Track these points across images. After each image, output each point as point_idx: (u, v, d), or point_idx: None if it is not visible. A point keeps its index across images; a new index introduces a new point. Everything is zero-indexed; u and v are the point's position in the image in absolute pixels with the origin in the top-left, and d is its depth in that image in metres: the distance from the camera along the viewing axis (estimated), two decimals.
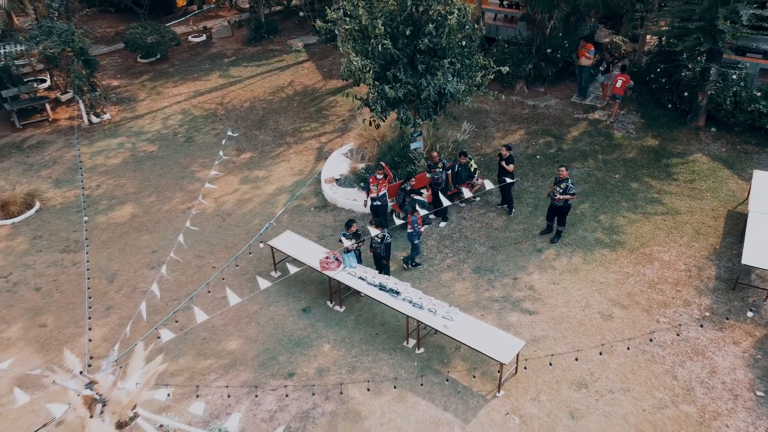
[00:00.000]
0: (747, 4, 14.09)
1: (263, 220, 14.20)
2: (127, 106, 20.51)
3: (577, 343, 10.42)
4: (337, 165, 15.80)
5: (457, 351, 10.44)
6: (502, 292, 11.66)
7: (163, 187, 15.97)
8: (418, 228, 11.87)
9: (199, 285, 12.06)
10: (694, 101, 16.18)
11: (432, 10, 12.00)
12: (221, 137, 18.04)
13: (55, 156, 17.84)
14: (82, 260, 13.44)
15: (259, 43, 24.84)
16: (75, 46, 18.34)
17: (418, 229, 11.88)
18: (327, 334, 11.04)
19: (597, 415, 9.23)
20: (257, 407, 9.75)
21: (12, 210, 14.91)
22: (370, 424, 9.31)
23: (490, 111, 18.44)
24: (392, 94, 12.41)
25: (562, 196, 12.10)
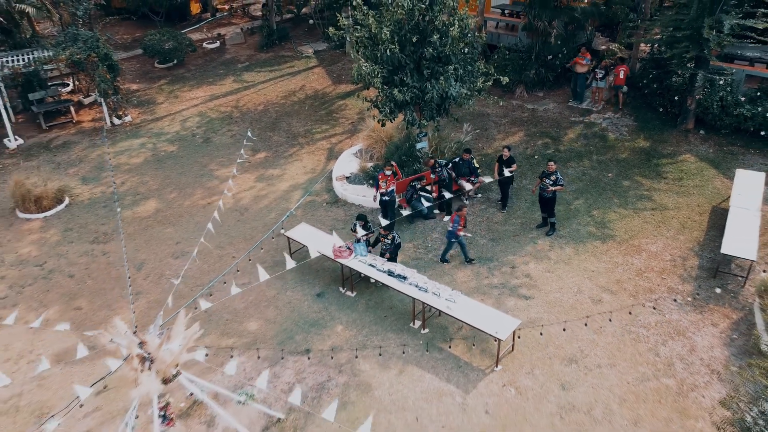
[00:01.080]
0: (731, 14, 15.09)
1: (279, 214, 15.21)
2: (146, 109, 21.62)
3: (569, 325, 11.38)
4: (347, 164, 16.83)
5: (459, 331, 11.41)
6: (500, 279, 12.64)
7: (183, 184, 17.03)
8: (456, 227, 12.53)
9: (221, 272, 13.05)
10: (683, 105, 17.16)
11: (437, 21, 13.04)
12: (237, 138, 19.12)
13: (81, 155, 18.93)
14: (111, 250, 14.49)
15: (270, 49, 25.95)
16: (100, 52, 19.47)
17: (456, 229, 12.54)
18: (339, 316, 12.03)
19: (585, 387, 10.19)
20: (277, 380, 10.72)
21: (44, 204, 15.97)
22: (380, 393, 10.28)
23: (491, 114, 19.46)
24: (400, 97, 13.45)
25: (552, 188, 13.10)
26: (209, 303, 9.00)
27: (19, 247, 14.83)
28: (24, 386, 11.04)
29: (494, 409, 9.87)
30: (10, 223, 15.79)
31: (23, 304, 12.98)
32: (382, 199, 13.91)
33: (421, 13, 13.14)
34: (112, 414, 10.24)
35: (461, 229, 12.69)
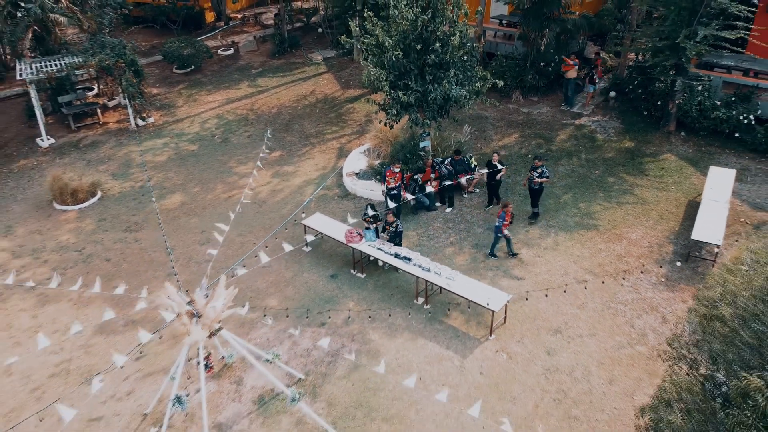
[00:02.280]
0: (706, 26, 16.60)
1: (294, 207, 16.69)
2: (167, 111, 23.17)
3: (555, 301, 12.83)
4: (356, 161, 18.32)
5: (458, 306, 12.85)
6: (495, 262, 14.09)
7: (205, 179, 18.53)
8: (502, 223, 13.56)
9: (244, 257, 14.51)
10: (665, 109, 18.65)
11: (439, 31, 14.55)
12: (253, 139, 20.64)
13: (109, 154, 20.45)
14: (143, 238, 15.97)
15: (282, 56, 27.52)
16: (126, 58, 21.02)
17: (501, 224, 13.58)
18: (351, 294, 13.48)
19: (568, 353, 11.62)
20: (296, 347, 12.17)
21: (80, 197, 17.47)
22: (388, 358, 11.71)
23: (489, 117, 20.97)
24: (405, 99, 14.95)
25: (539, 179, 14.59)
26: (244, 269, 10.47)
27: (59, 235, 16.32)
28: (72, 353, 12.49)
29: (488, 371, 11.31)
30: (48, 214, 17.28)
31: (66, 284, 14.42)
32: (391, 193, 15.35)
33: (424, 24, 14.65)
34: (151, 373, 11.69)
35: (507, 225, 13.69)
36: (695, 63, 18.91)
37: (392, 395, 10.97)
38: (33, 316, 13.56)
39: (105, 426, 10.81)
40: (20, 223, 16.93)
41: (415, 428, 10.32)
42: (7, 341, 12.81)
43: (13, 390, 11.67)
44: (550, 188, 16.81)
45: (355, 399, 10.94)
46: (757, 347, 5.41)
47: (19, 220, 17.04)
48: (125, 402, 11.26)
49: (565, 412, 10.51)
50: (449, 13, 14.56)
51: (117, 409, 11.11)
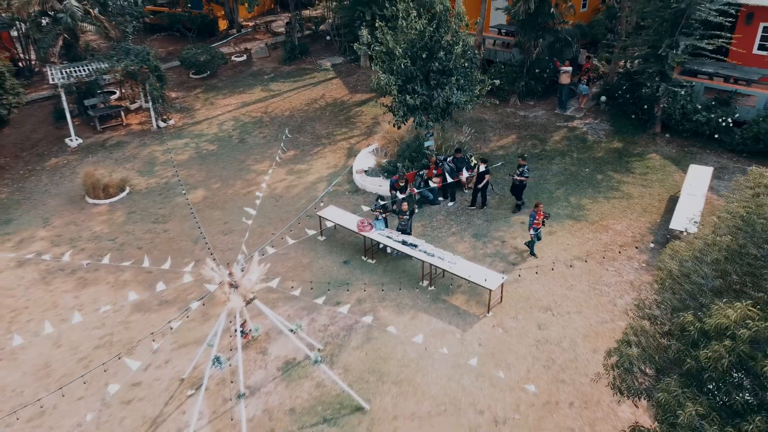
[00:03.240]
0: (688, 36, 18.11)
1: (308, 201, 18.16)
2: (186, 114, 24.69)
3: (546, 283, 14.28)
4: (365, 160, 19.80)
5: (459, 288, 14.30)
6: (493, 250, 15.56)
7: (225, 176, 20.02)
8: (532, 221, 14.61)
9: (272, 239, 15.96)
10: (651, 112, 20.14)
11: (443, 41, 16.06)
12: (268, 139, 22.15)
13: (134, 153, 21.95)
14: (170, 228, 17.44)
15: (293, 62, 29.07)
16: (150, 63, 22.56)
17: (532, 222, 14.62)
18: (363, 277, 14.93)
19: (557, 327, 13.06)
20: (314, 323, 13.62)
21: (110, 192, 18.96)
22: (396, 332, 13.10)
23: (488, 120, 22.47)
24: (411, 102, 16.45)
25: (519, 177, 16.10)
26: (273, 249, 11.94)
27: (93, 226, 17.80)
28: (113, 328, 13.94)
29: (485, 342, 12.75)
30: (81, 207, 18.77)
31: (103, 270, 15.92)
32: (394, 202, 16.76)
33: (430, 35, 16.16)
34: (185, 345, 13.14)
35: (537, 223, 14.74)
36: (679, 70, 20.42)
37: (401, 363, 12.41)
38: (75, 296, 15.02)
39: (146, 389, 12.25)
40: (56, 215, 18.41)
41: (421, 390, 11.76)
42: (53, 318, 14.25)
43: (63, 359, 13.12)
44: (543, 184, 18.29)
45: (368, 366, 12.38)
46: (693, 294, 6.82)
47: (55, 213, 18.52)
48: (164, 369, 12.70)
49: (553, 376, 11.95)
50: (452, 24, 16.07)
51: (156, 375, 12.55)
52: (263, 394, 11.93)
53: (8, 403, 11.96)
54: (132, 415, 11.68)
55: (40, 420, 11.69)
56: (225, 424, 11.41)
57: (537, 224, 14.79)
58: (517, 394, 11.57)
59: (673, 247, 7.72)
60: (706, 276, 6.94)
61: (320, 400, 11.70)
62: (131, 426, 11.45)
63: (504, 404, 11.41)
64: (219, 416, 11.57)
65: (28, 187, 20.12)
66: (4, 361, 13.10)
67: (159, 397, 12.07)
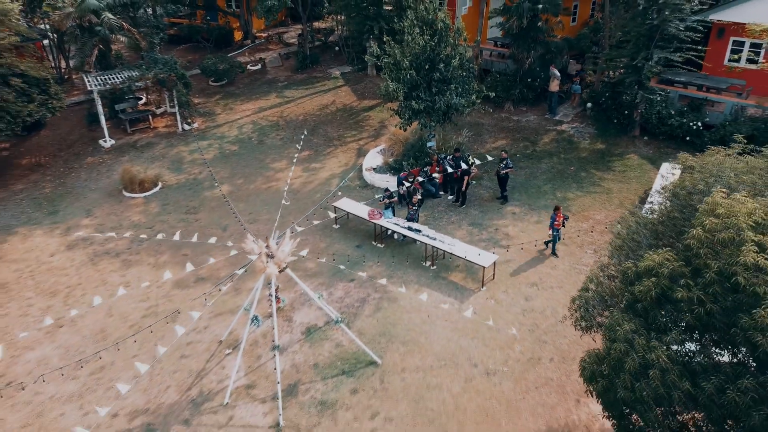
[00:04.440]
0: (662, 50, 20.34)
1: (323, 195, 20.33)
2: (208, 118, 26.92)
3: (533, 264, 16.42)
4: (373, 159, 22.00)
5: (457, 267, 16.45)
6: (487, 236, 17.72)
7: (247, 173, 22.20)
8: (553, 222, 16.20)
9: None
10: (631, 117, 22.36)
11: (443, 54, 18.30)
12: (285, 141, 24.36)
13: (162, 153, 24.16)
14: (201, 218, 19.59)
15: (305, 71, 31.35)
16: (177, 72, 24.82)
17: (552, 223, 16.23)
18: (373, 259, 17.07)
19: (541, 299, 15.20)
20: (330, 296, 15.75)
21: (145, 186, 21.14)
22: (403, 303, 15.29)
23: (485, 124, 24.70)
24: (416, 107, 18.67)
25: (504, 170, 18.30)
26: (301, 227, 14.11)
27: (131, 216, 19.96)
28: (157, 301, 16.07)
29: (479, 311, 14.88)
30: (119, 200, 20.94)
31: (144, 253, 18.08)
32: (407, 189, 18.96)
33: (432, 48, 18.40)
34: (221, 313, 15.27)
35: (558, 224, 16.37)
36: (657, 80, 22.67)
37: (407, 327, 14.54)
38: (121, 275, 17.16)
39: (190, 349, 14.37)
40: (97, 207, 20.59)
41: (425, 348, 13.88)
42: (103, 292, 16.38)
43: (116, 326, 15.24)
44: (533, 180, 20.49)
45: (379, 330, 14.51)
46: (634, 249, 8.94)
47: (96, 205, 20.70)
48: (203, 333, 14.83)
49: (537, 338, 14.08)
50: (451, 40, 18.32)
51: (198, 338, 14.68)
52: (290, 353, 14.05)
53: (73, 360, 14.08)
54: (180, 370, 13.79)
55: (101, 374, 13.79)
56: (258, 376, 13.52)
57: (557, 225, 16.40)
58: (506, 352, 13.71)
59: (624, 217, 9.89)
60: (644, 236, 9.10)
61: (339, 357, 13.83)
62: (180, 378, 13.57)
63: (495, 359, 13.53)
64: (253, 370, 13.68)
65: (69, 182, 22.30)
66: (66, 327, 15.23)
67: (201, 356, 14.19)
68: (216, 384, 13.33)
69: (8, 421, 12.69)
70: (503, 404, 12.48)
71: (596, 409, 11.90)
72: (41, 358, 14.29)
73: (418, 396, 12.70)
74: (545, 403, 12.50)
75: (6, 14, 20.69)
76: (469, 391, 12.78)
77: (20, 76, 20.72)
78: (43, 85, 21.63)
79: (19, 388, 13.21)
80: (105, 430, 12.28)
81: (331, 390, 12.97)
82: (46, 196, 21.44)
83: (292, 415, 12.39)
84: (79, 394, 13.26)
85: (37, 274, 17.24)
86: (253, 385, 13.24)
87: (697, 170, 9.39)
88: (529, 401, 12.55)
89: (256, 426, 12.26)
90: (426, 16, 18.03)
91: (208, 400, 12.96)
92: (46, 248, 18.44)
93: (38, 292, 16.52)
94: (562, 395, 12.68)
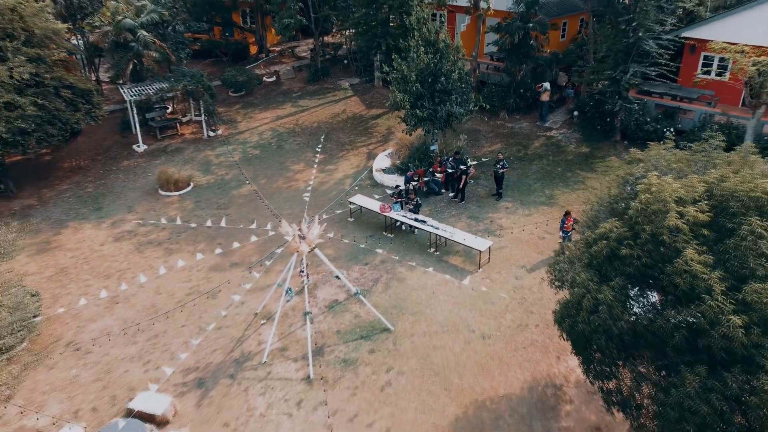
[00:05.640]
0: (639, 64, 23.03)
1: (338, 193, 22.92)
2: (230, 126, 29.58)
3: (523, 250, 18.98)
4: (382, 161, 24.62)
5: (457, 252, 19.02)
6: (483, 227, 20.30)
7: (269, 174, 24.82)
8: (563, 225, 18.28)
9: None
10: (612, 124, 25.00)
11: (444, 69, 20.99)
12: (301, 146, 26.99)
13: (191, 157, 26.79)
14: (230, 213, 22.15)
15: (316, 82, 34.06)
16: (204, 83, 27.50)
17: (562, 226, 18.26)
18: (384, 246, 19.61)
19: (529, 278, 17.75)
20: (349, 276, 18.28)
21: (179, 185, 23.74)
22: (410, 282, 17.83)
23: (482, 130, 27.36)
24: (421, 115, 21.32)
25: (501, 170, 20.91)
26: (326, 215, 16.68)
27: (168, 212, 22.54)
28: (198, 281, 18.61)
29: (476, 288, 17.43)
30: (156, 198, 23.53)
31: (183, 242, 20.64)
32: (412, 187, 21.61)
33: (434, 64, 21.08)
34: (255, 290, 17.80)
35: (568, 227, 18.45)
36: (636, 91, 25.34)
37: (415, 302, 17.08)
38: (164, 261, 19.70)
39: (230, 320, 16.88)
40: (137, 204, 23.17)
41: (430, 318, 16.41)
42: (150, 275, 18.92)
43: (164, 301, 17.76)
44: (524, 179, 23.10)
45: (391, 304, 17.05)
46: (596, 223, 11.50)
47: (136, 202, 23.29)
48: (240, 307, 17.36)
49: (525, 309, 16.62)
50: (451, 57, 21.02)
51: (236, 311, 17.21)
52: (316, 322, 16.56)
53: (131, 329, 16.60)
54: (223, 337, 16.31)
55: (155, 340, 16.31)
56: (290, 341, 16.04)
57: (567, 228, 18.50)
58: (499, 320, 16.25)
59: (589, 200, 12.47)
60: (604, 212, 11.69)
61: (358, 325, 16.37)
62: (223, 342, 16.09)
63: (489, 326, 16.07)
64: (285, 336, 16.21)
65: (109, 183, 24.91)
66: (121, 303, 17.75)
67: (240, 326, 16.71)
68: (255, 347, 15.86)
69: (82, 376, 15.19)
70: (496, 360, 15.00)
71: (573, 364, 14.46)
72: (103, 327, 16.80)
73: (425, 354, 15.22)
74: (531, 360, 15.03)
75: (57, 33, 23.39)
76: (467, 350, 15.31)
77: (69, 87, 23.34)
78: (87, 96, 24.27)
79: (86, 351, 15.75)
80: (165, 383, 14.77)
81: (352, 351, 15.50)
82: (89, 194, 24.03)
83: (320, 370, 14.91)
84: (139, 355, 15.77)
85: (91, 261, 19.78)
86: (286, 348, 15.77)
87: (642, 161, 12.02)
88: (517, 358, 15.08)
89: (290, 379, 14.77)
90: (429, 37, 20.75)
91: (249, 360, 15.48)
92: (96, 239, 21.00)
93: (94, 275, 19.06)
94: (545, 353, 15.22)
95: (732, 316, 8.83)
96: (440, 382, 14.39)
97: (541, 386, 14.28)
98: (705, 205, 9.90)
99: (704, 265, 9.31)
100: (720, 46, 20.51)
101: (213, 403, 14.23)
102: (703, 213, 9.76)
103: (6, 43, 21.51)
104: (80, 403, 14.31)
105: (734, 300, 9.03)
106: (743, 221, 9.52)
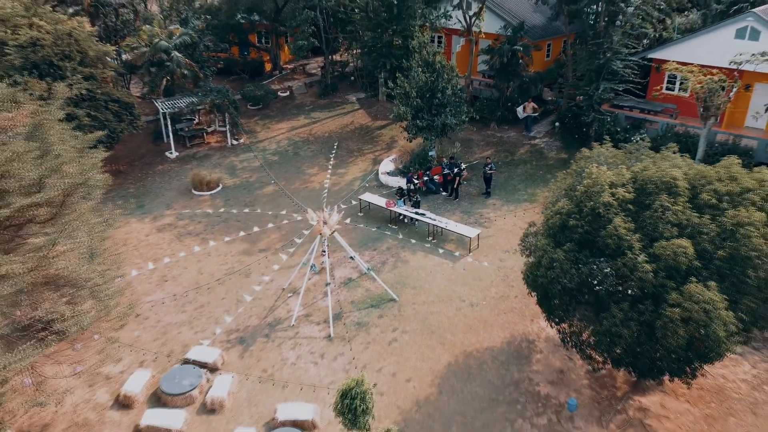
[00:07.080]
0: (609, 81, 26.70)
1: (348, 192, 26.44)
2: (251, 135, 33.20)
3: (507, 237, 22.49)
4: (387, 166, 28.20)
5: (451, 240, 22.52)
6: (473, 220, 23.82)
7: (288, 177, 28.38)
8: None
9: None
10: (588, 134, 28.61)
11: (440, 86, 24.65)
12: (315, 153, 30.60)
13: (218, 162, 30.37)
14: (257, 210, 25.66)
15: (326, 97, 37.76)
16: (230, 98, 31.16)
17: None
18: (389, 235, 23.10)
19: (512, 261, 21.23)
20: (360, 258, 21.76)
21: (210, 186, 27.28)
22: (413, 264, 21.30)
23: (474, 139, 30.99)
24: (421, 125, 24.95)
25: (490, 171, 24.47)
26: (344, 205, 20.20)
27: (203, 208, 26.05)
28: (233, 264, 22.05)
29: (467, 269, 20.89)
30: (190, 198, 27.05)
31: (217, 233, 24.12)
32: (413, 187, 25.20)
33: (432, 82, 24.74)
34: (282, 269, 21.26)
35: None
36: (609, 105, 29.00)
37: (416, 279, 20.55)
38: (203, 248, 23.16)
39: (262, 294, 20.31)
40: (173, 202, 26.68)
41: (428, 291, 19.86)
42: (191, 258, 22.35)
43: (206, 280, 21.18)
44: (510, 181, 26.66)
45: (396, 280, 20.50)
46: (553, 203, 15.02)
47: (172, 201, 26.80)
48: (269, 284, 20.80)
49: (507, 284, 20.09)
50: (446, 75, 24.71)
51: (265, 288, 20.65)
52: (334, 295, 20.00)
53: (180, 301, 20.02)
54: (257, 306, 19.73)
55: (201, 309, 19.72)
56: (313, 309, 19.46)
57: None
58: (485, 292, 19.72)
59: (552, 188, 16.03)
60: (560, 195, 15.23)
61: (368, 296, 19.81)
62: (258, 311, 19.50)
63: (476, 297, 19.52)
64: (309, 305, 19.63)
65: (147, 184, 28.44)
66: (170, 281, 21.17)
67: (270, 298, 20.13)
68: (284, 314, 19.28)
69: (143, 336, 18.59)
70: (481, 323, 18.44)
71: (544, 325, 17.90)
72: (156, 300, 20.22)
73: (424, 318, 18.66)
74: (510, 322, 18.47)
75: (107, 54, 27.07)
76: (458, 315, 18.75)
77: (115, 101, 26.95)
78: (130, 108, 27.87)
79: (144, 317, 19.16)
80: (213, 340, 18.15)
81: (365, 316, 18.93)
82: (131, 194, 27.55)
83: (338, 331, 18.32)
84: (189, 321, 19.18)
85: (140, 248, 23.24)
86: (310, 315, 19.20)
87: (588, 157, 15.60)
88: (499, 321, 18.52)
89: (314, 337, 18.19)
90: (428, 58, 24.43)
91: (280, 324, 18.90)
92: (141, 231, 24.47)
93: (144, 259, 22.51)
94: (522, 317, 18.66)
95: (645, 265, 12.33)
96: (436, 339, 17.82)
97: (517, 341, 17.71)
98: (630, 187, 13.46)
99: (628, 230, 12.83)
100: (673, 66, 24.17)
101: (253, 355, 17.63)
102: (629, 193, 13.31)
103: (65, 63, 25.16)
104: (144, 357, 17.70)
105: (647, 254, 12.54)
106: (656, 198, 13.06)
